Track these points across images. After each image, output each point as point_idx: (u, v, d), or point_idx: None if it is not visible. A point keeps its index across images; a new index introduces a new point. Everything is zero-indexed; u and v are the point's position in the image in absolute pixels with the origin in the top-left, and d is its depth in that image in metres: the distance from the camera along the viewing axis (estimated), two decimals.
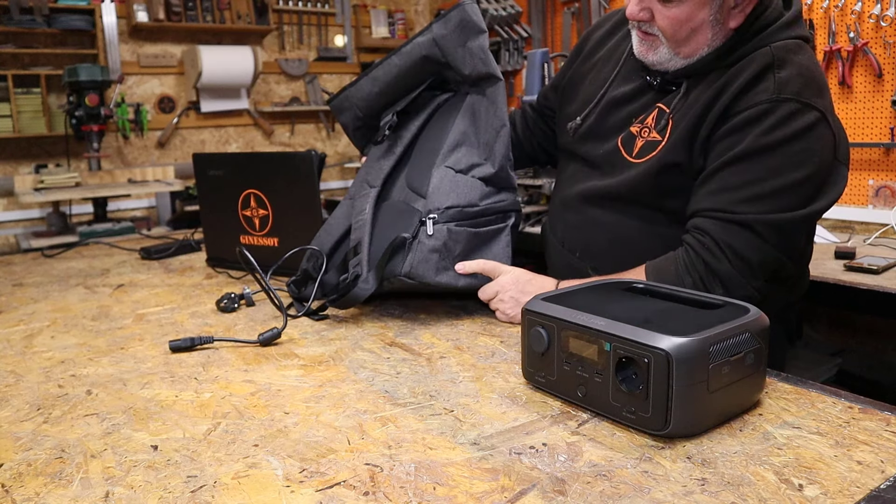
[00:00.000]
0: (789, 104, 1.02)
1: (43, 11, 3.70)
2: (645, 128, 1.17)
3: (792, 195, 1.01)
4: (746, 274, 1.02)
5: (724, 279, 1.02)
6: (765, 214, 1.00)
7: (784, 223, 1.01)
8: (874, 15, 2.30)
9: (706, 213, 1.05)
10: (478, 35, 1.28)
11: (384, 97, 1.37)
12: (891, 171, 2.35)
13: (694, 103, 1.10)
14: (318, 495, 0.64)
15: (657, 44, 1.13)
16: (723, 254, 1.02)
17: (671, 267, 1.06)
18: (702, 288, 1.03)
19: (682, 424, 0.70)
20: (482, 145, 1.27)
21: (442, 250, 1.14)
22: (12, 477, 0.69)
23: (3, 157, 3.82)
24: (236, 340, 1.09)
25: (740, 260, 1.01)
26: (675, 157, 1.10)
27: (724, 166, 1.04)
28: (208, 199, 1.64)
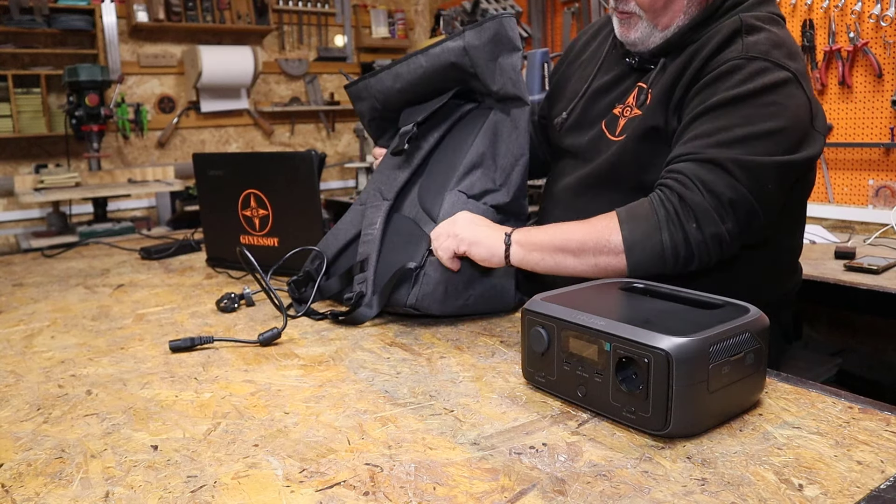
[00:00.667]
0: (758, 62, 1.03)
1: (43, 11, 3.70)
2: (627, 107, 1.19)
3: (764, 142, 1.01)
4: (719, 210, 1.00)
5: (697, 212, 1.00)
6: (736, 155, 1.00)
7: (754, 165, 1.00)
8: (874, 15, 2.30)
9: (680, 158, 1.04)
10: (511, 52, 1.23)
11: (404, 95, 1.34)
12: (891, 171, 2.35)
13: (671, 73, 1.13)
14: (318, 495, 0.64)
15: (636, 20, 1.16)
16: (696, 187, 1.00)
17: (644, 204, 1.04)
18: (675, 221, 1.00)
19: (682, 424, 0.70)
20: (499, 170, 1.23)
21: (448, 282, 1.12)
22: (12, 477, 0.69)
23: (3, 157, 3.82)
24: (236, 340, 1.09)
25: (712, 195, 1.00)
26: (652, 121, 1.12)
27: (696, 118, 1.05)
28: (208, 199, 1.64)
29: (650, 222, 1.01)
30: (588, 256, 1.03)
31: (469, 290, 1.15)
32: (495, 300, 1.18)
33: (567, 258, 1.05)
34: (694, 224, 1.00)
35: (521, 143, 1.23)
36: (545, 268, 1.06)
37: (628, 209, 1.05)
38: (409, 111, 1.36)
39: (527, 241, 1.07)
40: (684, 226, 1.00)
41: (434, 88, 1.32)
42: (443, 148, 1.30)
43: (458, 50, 1.25)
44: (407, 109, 1.37)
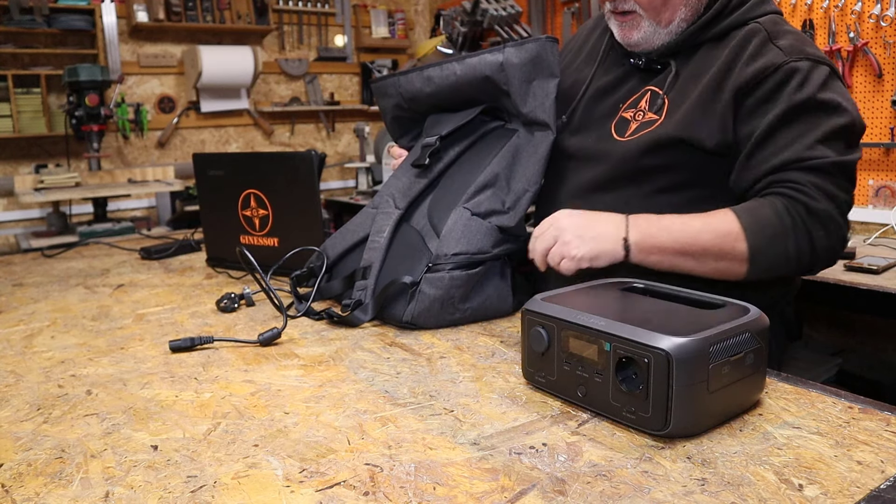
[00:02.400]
0: (802, 62, 1.06)
1: (43, 11, 3.70)
2: (639, 111, 1.17)
3: (841, 141, 1.04)
4: (840, 213, 1.03)
5: (824, 219, 1.01)
6: (833, 157, 1.03)
7: (846, 164, 1.04)
8: (874, 15, 2.30)
9: (782, 167, 1.04)
10: (548, 78, 1.23)
11: (433, 99, 1.32)
12: (891, 171, 2.35)
13: (692, 80, 1.12)
14: (318, 495, 0.64)
15: (637, 20, 1.15)
16: (821, 195, 1.01)
17: (766, 210, 1.02)
18: (802, 230, 1.01)
19: (682, 424, 0.70)
20: (511, 193, 1.21)
21: (444, 299, 1.11)
22: (12, 477, 0.69)
23: (3, 157, 3.82)
24: (236, 340, 1.09)
25: (833, 199, 1.02)
26: (682, 132, 1.10)
27: (775, 129, 1.06)
28: (208, 199, 1.64)
29: (777, 230, 1.01)
30: (709, 260, 1.03)
31: (466, 304, 1.13)
32: (493, 309, 1.17)
33: (687, 261, 1.04)
34: (822, 231, 1.01)
35: (538, 170, 1.21)
36: (662, 268, 1.05)
37: (750, 212, 1.03)
38: (435, 118, 1.34)
39: (647, 245, 1.03)
40: (812, 233, 1.01)
41: (464, 98, 1.30)
42: (460, 163, 1.28)
43: (495, 65, 1.23)
44: (433, 116, 1.34)
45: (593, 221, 1.06)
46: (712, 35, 1.13)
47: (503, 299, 1.18)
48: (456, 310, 1.13)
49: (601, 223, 1.05)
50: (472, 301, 1.14)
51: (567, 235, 1.04)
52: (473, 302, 1.14)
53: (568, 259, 1.04)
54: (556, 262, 1.05)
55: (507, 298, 1.18)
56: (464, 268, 1.13)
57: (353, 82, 4.93)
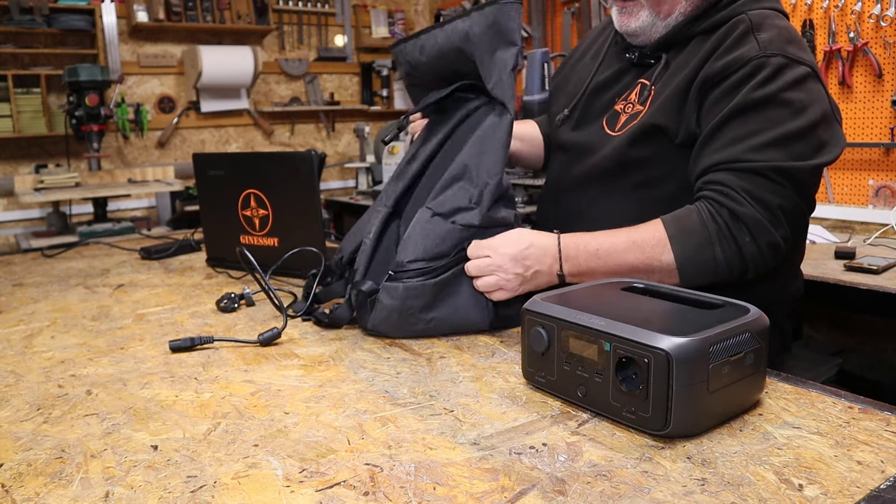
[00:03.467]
0: (777, 58, 1.03)
1: (43, 11, 3.70)
2: (629, 104, 1.18)
3: (797, 144, 1.01)
4: (770, 218, 1.00)
5: (749, 224, 0.99)
6: (776, 162, 1.00)
7: (795, 171, 1.00)
8: (874, 15, 2.30)
9: (716, 167, 1.03)
10: (508, 46, 1.09)
11: (429, 68, 1.24)
12: (891, 171, 2.35)
13: (678, 70, 1.12)
14: (318, 495, 0.64)
15: (637, 8, 1.16)
16: (744, 199, 1.00)
17: (692, 217, 1.02)
18: (727, 236, 1.00)
19: (682, 424, 0.70)
20: (476, 187, 1.09)
21: (401, 309, 1.04)
22: (12, 477, 0.69)
23: (3, 157, 3.82)
24: (236, 340, 1.09)
25: (761, 204, 0.99)
26: (659, 119, 1.10)
27: (724, 123, 1.04)
28: (208, 199, 1.64)
29: (702, 238, 1.01)
30: (640, 276, 1.03)
31: (430, 314, 1.06)
32: (464, 321, 1.08)
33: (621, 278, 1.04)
34: (748, 238, 1.00)
35: (498, 158, 1.09)
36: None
37: (676, 222, 1.03)
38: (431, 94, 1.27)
39: (580, 273, 1.05)
40: (738, 240, 1.00)
41: (453, 69, 1.20)
42: (444, 149, 1.21)
43: (462, 34, 1.13)
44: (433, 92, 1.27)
45: (529, 259, 1.04)
46: (704, 28, 1.12)
47: (476, 311, 1.08)
48: (418, 320, 1.05)
49: (538, 261, 1.05)
50: (437, 311, 1.06)
51: (507, 274, 1.04)
52: (439, 312, 1.06)
53: (506, 291, 1.05)
54: (491, 290, 1.05)
55: (482, 311, 1.08)
56: (423, 276, 1.05)
57: (353, 82, 4.93)
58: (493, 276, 1.04)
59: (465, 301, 1.07)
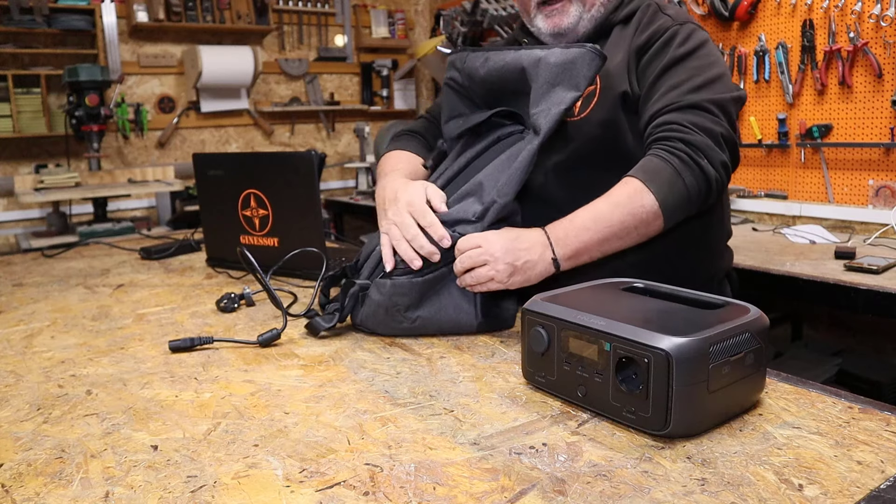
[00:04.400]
0: (687, 25, 1.24)
1: (43, 11, 3.70)
2: None
3: (718, 84, 1.18)
4: (716, 143, 1.13)
5: (703, 148, 1.10)
6: (708, 97, 1.16)
7: (724, 101, 1.17)
8: (874, 15, 2.30)
9: (661, 111, 1.16)
10: (570, 89, 1.11)
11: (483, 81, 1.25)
12: (891, 171, 2.35)
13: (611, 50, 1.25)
14: (318, 495, 0.64)
15: (566, 7, 1.28)
16: (693, 130, 1.12)
17: (654, 160, 1.10)
18: (689, 163, 1.09)
19: (682, 424, 0.70)
20: (485, 203, 1.11)
21: (388, 305, 1.06)
22: (12, 477, 0.69)
23: (3, 157, 3.82)
24: (236, 341, 1.09)
25: (706, 132, 1.12)
26: (618, 86, 1.22)
27: (658, 78, 1.20)
28: (208, 199, 1.64)
29: (670, 172, 1.09)
30: (632, 233, 1.08)
31: (415, 313, 1.07)
32: (450, 322, 1.08)
33: (613, 243, 1.09)
34: (704, 160, 1.10)
35: (513, 179, 1.10)
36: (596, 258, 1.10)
37: (642, 169, 1.10)
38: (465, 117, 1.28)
39: (573, 252, 1.07)
40: (698, 163, 1.10)
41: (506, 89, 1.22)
42: (468, 169, 1.22)
43: (534, 58, 1.16)
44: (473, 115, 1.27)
45: (521, 249, 1.05)
46: (620, 18, 1.29)
47: (462, 312, 1.09)
48: (403, 318, 1.07)
49: (528, 251, 1.05)
50: (422, 310, 1.08)
51: (499, 265, 1.04)
52: (424, 311, 1.08)
53: (496, 282, 1.05)
54: (482, 281, 1.05)
55: (468, 313, 1.08)
56: (411, 274, 1.07)
57: (353, 82, 4.93)
58: (485, 266, 1.04)
59: (450, 302, 1.08)
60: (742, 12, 2.64)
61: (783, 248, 2.15)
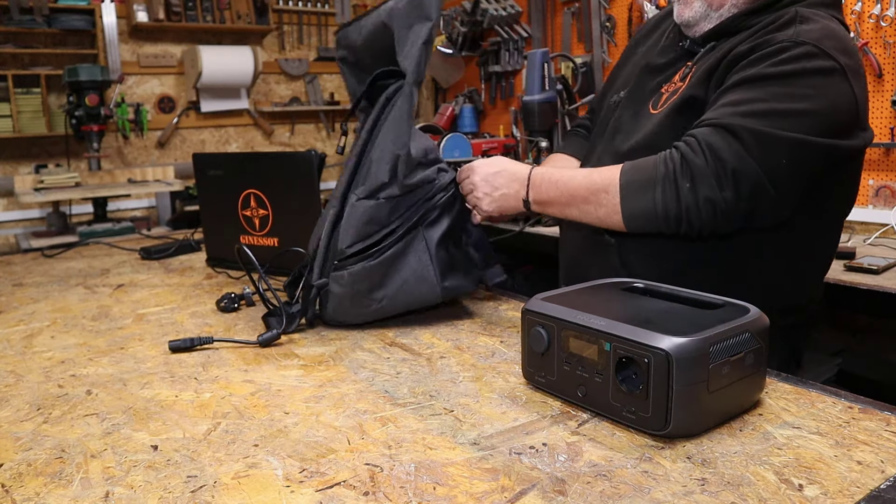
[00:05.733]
0: (806, 46, 1.01)
1: (43, 11, 3.69)
2: (672, 84, 1.20)
3: (789, 120, 0.98)
4: (718, 176, 0.98)
5: (695, 174, 0.98)
6: (754, 126, 0.98)
7: (770, 138, 0.97)
8: (874, 15, 2.29)
9: (700, 123, 1.04)
10: (424, 21, 1.09)
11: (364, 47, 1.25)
12: (891, 171, 2.35)
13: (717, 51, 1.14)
14: (318, 495, 0.64)
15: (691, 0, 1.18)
16: (701, 151, 0.99)
17: (649, 161, 1.05)
18: (670, 180, 1.00)
19: (682, 424, 0.70)
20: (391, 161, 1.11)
21: (352, 295, 1.08)
22: (12, 477, 0.69)
23: (3, 157, 3.82)
24: (236, 341, 1.09)
25: (717, 160, 0.97)
26: (695, 91, 1.11)
27: (729, 89, 1.05)
28: (208, 199, 1.64)
29: (647, 177, 1.03)
30: (589, 208, 1.09)
31: (380, 293, 1.09)
32: (414, 294, 1.09)
33: (573, 210, 1.12)
34: (688, 184, 0.99)
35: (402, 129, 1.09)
36: (558, 216, 1.16)
37: (634, 162, 1.08)
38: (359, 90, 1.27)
39: (541, 200, 1.15)
40: (678, 184, 0.99)
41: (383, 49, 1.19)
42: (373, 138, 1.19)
43: (388, 10, 1.15)
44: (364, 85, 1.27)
45: (501, 179, 1.17)
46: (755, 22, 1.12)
47: (424, 281, 1.09)
48: (370, 301, 1.09)
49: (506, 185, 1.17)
50: (385, 289, 1.09)
51: (479, 192, 1.17)
52: (389, 289, 1.09)
53: (479, 209, 1.19)
54: (473, 204, 1.19)
55: (429, 280, 1.09)
56: (363, 259, 1.08)
57: None
58: (471, 194, 1.18)
59: (410, 277, 1.10)
60: None
61: None
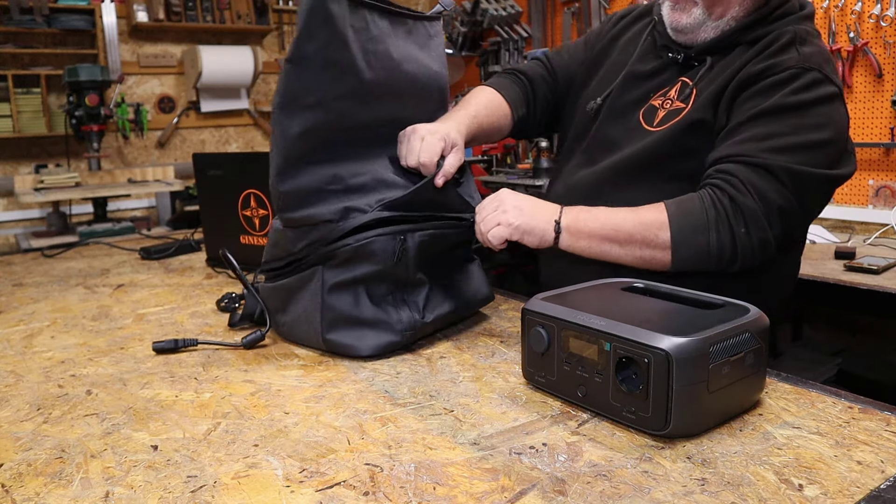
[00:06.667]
0: (814, 73, 1.07)
1: (43, 11, 3.70)
2: (668, 100, 1.19)
3: (812, 153, 1.04)
4: (768, 216, 1.02)
5: (747, 215, 1.02)
6: (788, 164, 1.03)
7: (804, 175, 1.03)
8: (874, 15, 2.30)
9: (731, 158, 1.05)
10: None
11: None
12: (891, 171, 2.35)
13: (721, 72, 1.14)
14: (318, 495, 0.64)
15: (690, 6, 1.17)
16: (748, 191, 1.02)
17: (695, 202, 1.05)
18: (724, 223, 1.02)
19: (682, 424, 0.70)
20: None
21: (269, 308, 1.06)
22: (12, 477, 0.69)
23: (3, 157, 3.82)
24: (220, 343, 1.07)
25: (763, 200, 1.02)
26: (704, 115, 1.13)
27: (750, 120, 1.07)
28: (208, 199, 1.64)
29: (700, 221, 1.03)
30: (634, 248, 1.05)
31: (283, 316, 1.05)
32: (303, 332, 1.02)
33: (613, 248, 1.06)
34: (743, 228, 1.02)
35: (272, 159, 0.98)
36: (591, 254, 1.08)
37: (678, 204, 1.05)
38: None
39: (576, 229, 1.07)
40: (733, 228, 1.02)
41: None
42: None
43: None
44: None
45: (532, 201, 1.09)
46: (750, 38, 1.15)
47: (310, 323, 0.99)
48: (277, 322, 1.06)
49: (539, 204, 1.09)
50: (287, 315, 1.04)
51: (506, 206, 1.06)
52: (289, 316, 1.03)
53: (503, 225, 1.05)
54: (490, 226, 1.06)
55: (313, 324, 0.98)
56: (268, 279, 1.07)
57: None
58: (496, 212, 1.06)
59: (302, 313, 1.01)
60: None
61: None
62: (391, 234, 0.97)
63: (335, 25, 0.92)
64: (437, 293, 1.07)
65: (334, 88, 0.95)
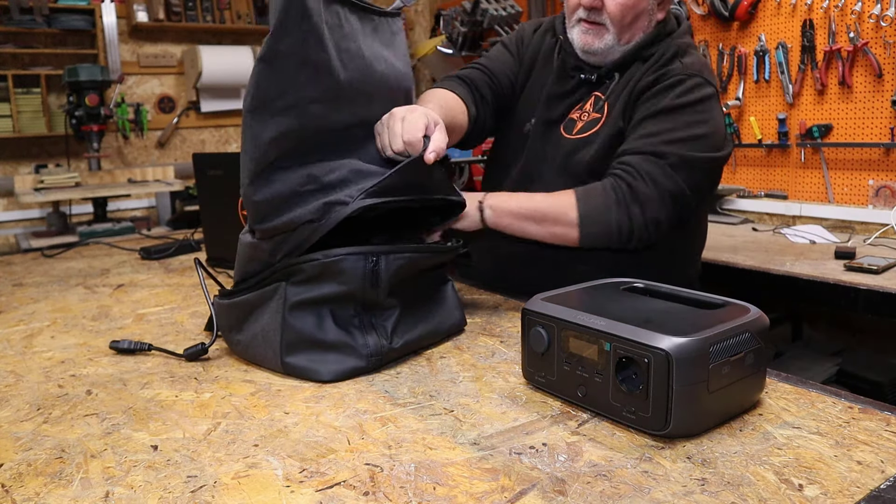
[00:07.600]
0: (695, 78, 1.28)
1: (43, 11, 3.69)
2: (584, 112, 1.37)
3: (699, 143, 1.25)
4: (659, 199, 1.20)
5: (642, 198, 1.20)
6: (678, 152, 1.22)
7: (693, 160, 1.23)
8: (874, 15, 2.29)
9: (630, 151, 1.24)
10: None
11: None
12: (891, 171, 2.35)
13: (625, 85, 1.34)
14: (318, 495, 0.64)
15: (603, 31, 1.32)
16: (643, 178, 1.20)
17: (598, 188, 1.23)
18: (623, 205, 1.20)
19: (682, 424, 0.70)
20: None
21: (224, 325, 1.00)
22: (12, 477, 0.69)
23: (3, 157, 3.81)
24: (168, 352, 1.04)
25: (655, 185, 1.20)
26: (619, 122, 1.31)
27: (646, 119, 1.27)
28: (208, 199, 1.64)
29: (603, 203, 1.21)
30: (548, 225, 1.23)
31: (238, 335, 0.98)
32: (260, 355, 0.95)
33: (531, 225, 1.23)
34: (638, 209, 1.20)
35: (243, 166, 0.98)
36: (512, 231, 1.24)
37: (586, 189, 1.24)
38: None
39: (498, 208, 1.23)
40: (630, 209, 1.20)
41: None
42: None
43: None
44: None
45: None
46: (645, 55, 1.34)
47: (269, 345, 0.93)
48: (233, 341, 0.99)
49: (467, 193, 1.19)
50: (243, 334, 0.97)
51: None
52: (244, 335, 0.97)
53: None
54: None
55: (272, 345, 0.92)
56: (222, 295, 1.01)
57: None
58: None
59: (260, 333, 0.94)
60: (742, 12, 2.64)
61: (783, 249, 2.15)
62: (363, 255, 0.90)
63: (311, 21, 0.86)
64: (408, 317, 0.98)
65: (309, 91, 0.89)
